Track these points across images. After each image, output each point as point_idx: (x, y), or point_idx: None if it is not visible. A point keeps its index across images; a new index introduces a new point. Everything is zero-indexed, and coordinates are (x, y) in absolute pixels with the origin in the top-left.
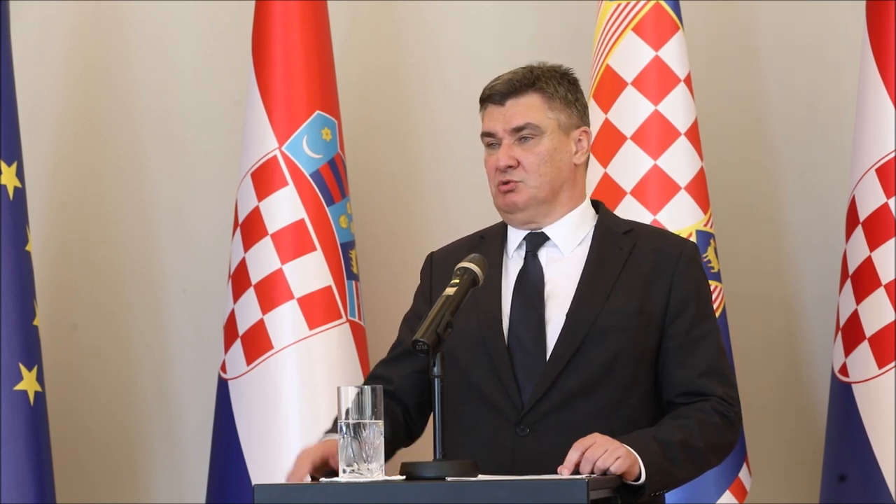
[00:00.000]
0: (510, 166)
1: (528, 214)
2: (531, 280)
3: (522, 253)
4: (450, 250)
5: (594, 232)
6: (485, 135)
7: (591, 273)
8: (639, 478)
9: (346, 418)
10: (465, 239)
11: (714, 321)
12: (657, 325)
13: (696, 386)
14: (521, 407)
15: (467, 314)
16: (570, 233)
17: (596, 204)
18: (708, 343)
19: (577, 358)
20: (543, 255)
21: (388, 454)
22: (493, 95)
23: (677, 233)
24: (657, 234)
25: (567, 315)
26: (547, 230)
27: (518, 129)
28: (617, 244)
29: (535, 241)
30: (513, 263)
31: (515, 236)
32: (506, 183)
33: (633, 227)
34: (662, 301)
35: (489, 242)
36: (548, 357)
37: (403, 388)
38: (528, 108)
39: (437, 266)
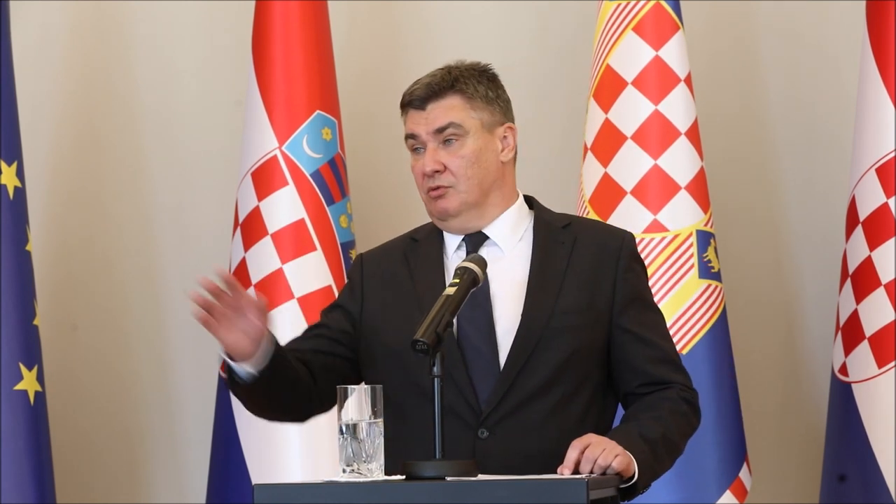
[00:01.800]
0: (437, 171)
1: (461, 220)
2: None
3: (462, 254)
4: (381, 252)
5: (533, 228)
6: (408, 137)
7: (538, 271)
8: (631, 477)
9: (346, 418)
10: (396, 240)
11: (659, 309)
12: (605, 319)
13: (657, 375)
14: (480, 410)
15: (414, 318)
16: (510, 231)
17: (529, 199)
18: (661, 333)
19: (533, 359)
20: (484, 254)
21: (298, 400)
22: (414, 100)
23: (678, 232)
24: (596, 227)
25: (522, 316)
26: (486, 230)
27: (441, 130)
28: (558, 239)
29: (475, 241)
30: (453, 265)
31: (453, 238)
32: (435, 189)
33: (570, 221)
34: (608, 295)
35: (424, 244)
36: (503, 359)
37: (311, 358)
38: (450, 109)
39: (369, 268)
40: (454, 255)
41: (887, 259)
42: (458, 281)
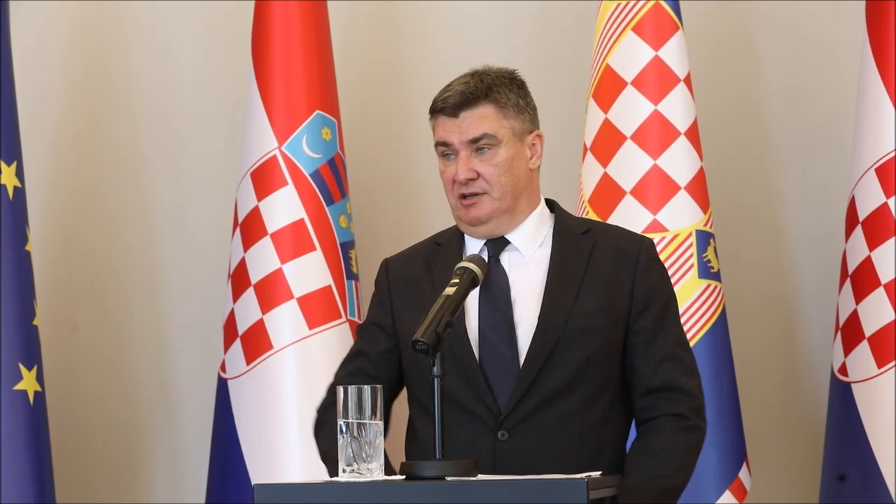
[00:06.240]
0: (471, 179)
1: (490, 226)
2: (496, 285)
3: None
4: (405, 256)
5: (553, 233)
6: (440, 144)
7: (556, 275)
8: None
9: (346, 418)
10: (419, 244)
11: (676, 314)
12: (623, 323)
13: (658, 379)
14: (499, 412)
15: None
16: (531, 236)
17: (550, 203)
18: (668, 335)
19: (551, 361)
20: (505, 259)
21: None
22: (446, 108)
23: (677, 232)
24: (615, 232)
25: (539, 318)
26: (508, 236)
27: (475, 141)
28: (577, 244)
29: (497, 245)
30: None
31: (475, 242)
32: (466, 196)
33: (590, 227)
34: (626, 298)
35: (446, 248)
36: (521, 361)
37: None
38: (483, 118)
39: (394, 273)
40: None
41: (887, 259)
42: (457, 281)
